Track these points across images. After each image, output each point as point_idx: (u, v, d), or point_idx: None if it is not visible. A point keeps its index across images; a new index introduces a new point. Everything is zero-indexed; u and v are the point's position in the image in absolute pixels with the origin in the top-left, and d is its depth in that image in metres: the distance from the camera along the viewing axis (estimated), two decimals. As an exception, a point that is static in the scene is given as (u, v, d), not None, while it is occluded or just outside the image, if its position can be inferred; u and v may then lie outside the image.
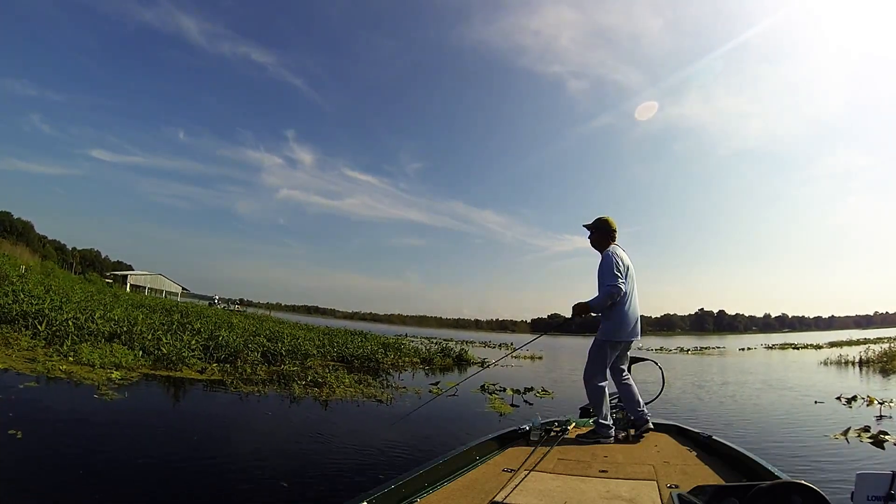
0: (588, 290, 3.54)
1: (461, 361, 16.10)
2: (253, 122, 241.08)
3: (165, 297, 45.48)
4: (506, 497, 2.07)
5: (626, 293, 3.42)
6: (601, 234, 3.62)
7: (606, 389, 3.45)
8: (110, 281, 46.33)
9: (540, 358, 22.16)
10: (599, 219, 3.66)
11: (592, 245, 3.68)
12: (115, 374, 6.90)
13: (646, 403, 3.57)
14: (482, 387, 10.00)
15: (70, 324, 9.06)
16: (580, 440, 3.26)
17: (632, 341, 3.56)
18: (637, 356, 3.79)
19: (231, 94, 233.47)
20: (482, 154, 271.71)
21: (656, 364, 4.60)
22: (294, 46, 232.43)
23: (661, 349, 33.58)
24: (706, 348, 36.61)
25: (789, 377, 14.74)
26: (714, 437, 3.09)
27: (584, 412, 3.90)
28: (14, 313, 9.14)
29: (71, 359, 7.39)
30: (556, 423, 3.47)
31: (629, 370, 3.64)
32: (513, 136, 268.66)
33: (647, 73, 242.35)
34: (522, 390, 9.81)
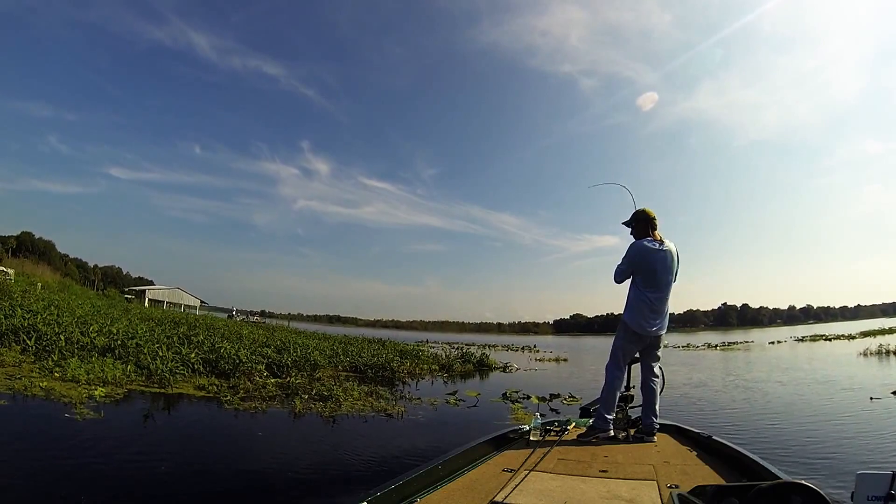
0: (608, 289, 2.90)
1: (482, 367, 15.28)
2: (267, 135, 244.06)
3: (183, 310, 45.27)
4: (506, 497, 2.05)
5: (638, 284, 3.48)
6: (637, 225, 3.65)
7: (618, 383, 3.45)
8: (130, 297, 46.43)
9: (565, 360, 21.31)
10: (634, 212, 3.69)
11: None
12: (99, 391, 6.26)
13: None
14: (504, 395, 9.15)
15: (61, 338, 8.54)
16: (580, 440, 3.24)
17: (654, 337, 3.50)
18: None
19: (244, 108, 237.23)
20: (497, 156, 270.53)
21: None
22: (304, 57, 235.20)
23: (688, 346, 32.18)
24: (733, 343, 35.07)
25: (832, 371, 13.67)
26: (714, 437, 3.05)
27: (584, 412, 3.84)
28: (5, 328, 8.69)
29: (56, 374, 6.83)
30: (556, 423, 3.45)
31: (652, 374, 3.54)
32: (527, 137, 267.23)
33: (657, 68, 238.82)
34: (548, 397, 8.97)
